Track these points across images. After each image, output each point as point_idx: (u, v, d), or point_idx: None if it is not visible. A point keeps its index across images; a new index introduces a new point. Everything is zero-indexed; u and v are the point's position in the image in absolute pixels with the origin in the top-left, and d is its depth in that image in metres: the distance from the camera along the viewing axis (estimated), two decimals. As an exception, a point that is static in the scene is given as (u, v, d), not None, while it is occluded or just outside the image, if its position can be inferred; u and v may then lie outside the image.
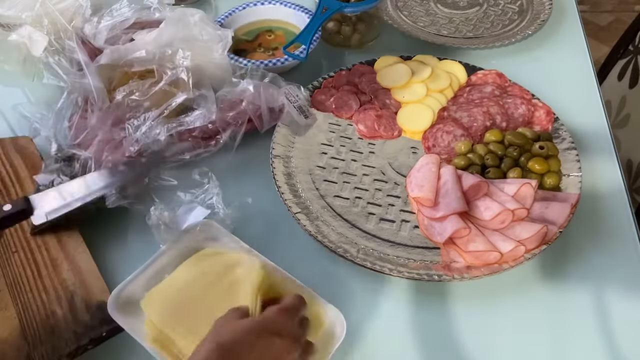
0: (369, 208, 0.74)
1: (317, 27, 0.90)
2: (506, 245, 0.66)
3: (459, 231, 0.67)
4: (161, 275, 0.65)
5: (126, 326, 0.61)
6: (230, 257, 0.66)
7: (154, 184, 0.77)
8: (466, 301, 0.66)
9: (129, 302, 0.63)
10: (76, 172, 0.71)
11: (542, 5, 1.05)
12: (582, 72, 0.94)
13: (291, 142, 0.82)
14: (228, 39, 0.80)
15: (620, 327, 0.63)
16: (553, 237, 0.67)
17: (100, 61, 0.80)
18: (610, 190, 0.76)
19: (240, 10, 1.01)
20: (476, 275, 0.65)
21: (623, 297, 0.66)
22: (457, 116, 0.83)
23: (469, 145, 0.79)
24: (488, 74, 0.89)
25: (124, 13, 0.83)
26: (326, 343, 0.60)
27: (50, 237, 0.70)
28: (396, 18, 1.05)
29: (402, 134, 0.83)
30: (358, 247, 0.69)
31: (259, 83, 0.81)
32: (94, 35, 0.82)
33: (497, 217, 0.69)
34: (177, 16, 0.80)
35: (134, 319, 0.62)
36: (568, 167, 0.76)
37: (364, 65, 0.92)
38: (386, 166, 0.79)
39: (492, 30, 1.02)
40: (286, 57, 0.90)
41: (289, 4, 1.01)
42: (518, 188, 0.71)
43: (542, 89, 0.86)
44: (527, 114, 0.83)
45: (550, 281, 0.68)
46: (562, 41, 1.00)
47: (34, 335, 0.61)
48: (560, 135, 0.80)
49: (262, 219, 0.74)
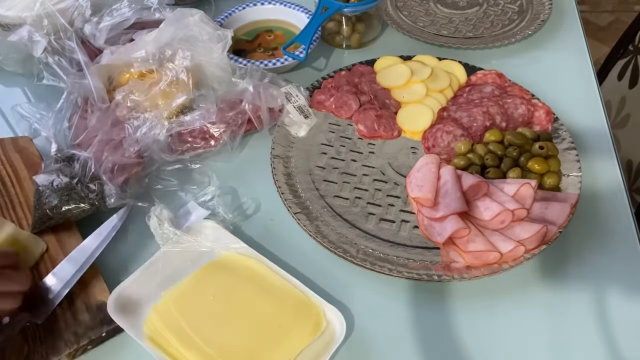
0: (369, 208, 0.74)
1: (317, 27, 0.90)
2: (506, 246, 0.66)
3: (459, 231, 0.67)
4: (166, 277, 0.65)
5: (126, 326, 0.61)
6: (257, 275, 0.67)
7: (155, 184, 0.77)
8: (466, 301, 0.66)
9: (129, 302, 0.63)
10: (76, 172, 0.71)
11: (542, 5, 1.05)
12: (582, 72, 0.94)
13: (291, 142, 0.82)
14: (228, 39, 0.80)
15: (620, 327, 0.63)
16: (553, 237, 0.67)
17: (100, 61, 0.80)
18: (610, 190, 0.76)
19: (240, 10, 1.01)
20: (476, 275, 0.65)
21: (623, 297, 0.66)
22: (457, 116, 0.83)
23: (468, 145, 0.79)
24: (488, 74, 0.89)
25: (124, 13, 0.83)
26: (326, 343, 0.60)
27: (50, 236, 0.70)
28: (396, 18, 1.05)
29: (402, 134, 0.83)
30: (358, 247, 0.69)
31: (259, 83, 0.81)
32: (93, 35, 0.82)
33: (497, 217, 0.69)
34: (177, 16, 0.80)
35: (134, 319, 0.62)
36: (568, 167, 0.76)
37: (364, 65, 0.92)
38: (386, 166, 0.79)
39: (492, 30, 1.02)
40: (286, 57, 0.90)
41: (289, 4, 1.01)
42: (518, 188, 0.71)
43: (542, 89, 0.86)
44: (527, 114, 0.83)
45: (550, 281, 0.68)
46: (562, 41, 1.00)
47: (34, 335, 0.61)
48: (560, 135, 0.80)
49: (262, 219, 0.74)
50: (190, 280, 0.65)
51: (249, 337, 0.61)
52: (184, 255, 0.67)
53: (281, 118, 0.82)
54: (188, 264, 0.67)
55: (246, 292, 0.64)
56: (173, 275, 0.66)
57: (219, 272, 0.66)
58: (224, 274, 0.66)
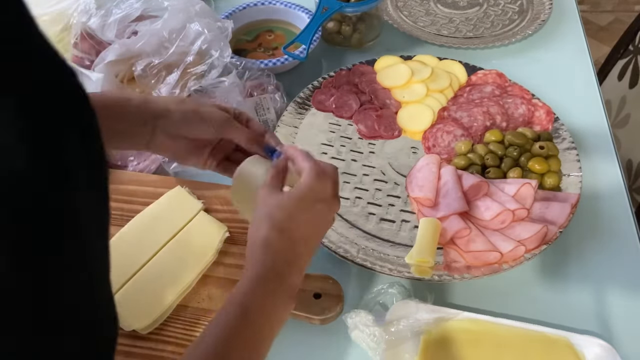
0: (369, 208, 0.74)
1: (317, 27, 0.90)
2: (506, 246, 0.66)
3: (460, 232, 0.67)
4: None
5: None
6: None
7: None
8: (466, 301, 0.66)
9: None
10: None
11: (542, 5, 1.05)
12: (582, 72, 0.94)
13: (291, 143, 0.81)
14: (228, 30, 0.81)
15: (621, 326, 0.63)
16: (553, 237, 0.67)
17: (106, 57, 0.79)
18: (610, 190, 0.76)
19: (240, 10, 1.01)
20: (476, 275, 0.65)
21: (623, 297, 0.66)
22: (457, 116, 0.83)
23: (469, 145, 0.79)
24: (488, 74, 0.89)
25: (133, 4, 0.82)
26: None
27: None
28: (396, 18, 1.05)
29: (402, 134, 0.83)
30: (358, 247, 0.69)
31: (234, 83, 0.80)
32: (102, 28, 0.81)
33: (498, 217, 0.69)
34: (179, 6, 0.80)
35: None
36: (568, 167, 0.75)
37: (364, 65, 0.92)
38: (386, 166, 0.79)
39: (492, 30, 1.02)
40: (286, 57, 0.90)
41: (289, 4, 1.01)
42: (518, 188, 0.71)
43: (542, 89, 0.86)
44: (527, 113, 0.83)
45: (550, 281, 0.68)
46: (562, 41, 1.00)
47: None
48: (561, 135, 0.80)
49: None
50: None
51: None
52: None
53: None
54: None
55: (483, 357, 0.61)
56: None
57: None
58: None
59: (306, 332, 0.62)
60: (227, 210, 0.71)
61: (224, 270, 0.66)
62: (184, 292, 0.63)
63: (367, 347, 0.60)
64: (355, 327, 0.60)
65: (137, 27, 0.82)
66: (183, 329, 0.61)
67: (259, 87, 0.84)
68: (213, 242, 0.67)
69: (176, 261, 0.65)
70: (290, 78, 0.88)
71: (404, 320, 0.60)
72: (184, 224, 0.68)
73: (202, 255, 0.66)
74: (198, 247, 0.66)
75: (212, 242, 0.67)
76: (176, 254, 0.66)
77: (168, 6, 0.82)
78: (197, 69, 0.79)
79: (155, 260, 0.65)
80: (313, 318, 0.61)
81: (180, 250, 0.66)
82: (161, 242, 0.66)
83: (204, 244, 0.66)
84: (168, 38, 0.78)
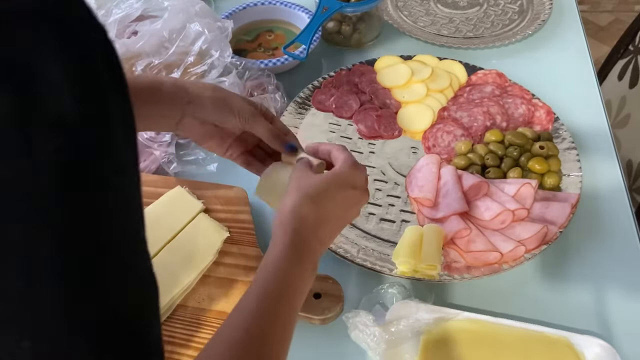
0: (369, 208, 0.74)
1: (317, 27, 0.90)
2: (506, 246, 0.66)
3: (460, 232, 0.67)
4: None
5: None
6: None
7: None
8: (466, 301, 0.66)
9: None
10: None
11: (542, 5, 1.05)
12: (582, 72, 0.94)
13: (291, 142, 0.82)
14: (228, 30, 0.81)
15: (621, 326, 0.63)
16: (553, 237, 0.67)
17: None
18: (610, 190, 0.76)
19: (240, 10, 1.01)
20: (476, 276, 0.65)
21: (623, 297, 0.66)
22: (457, 116, 0.83)
23: (469, 145, 0.79)
24: (488, 74, 0.89)
25: (133, 4, 0.82)
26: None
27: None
28: (396, 18, 1.05)
29: (402, 134, 0.83)
30: (358, 247, 0.69)
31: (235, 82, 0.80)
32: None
33: (498, 218, 0.69)
34: (179, 6, 0.80)
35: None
36: (568, 167, 0.75)
37: (364, 65, 0.92)
38: (386, 166, 0.79)
39: (492, 30, 1.02)
40: (286, 57, 0.90)
41: (289, 4, 1.01)
42: (518, 188, 0.71)
43: (542, 89, 0.86)
44: (527, 113, 0.83)
45: (550, 281, 0.68)
46: (562, 41, 1.00)
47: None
48: (561, 135, 0.80)
49: (262, 219, 0.74)
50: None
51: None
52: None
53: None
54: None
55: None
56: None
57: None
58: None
59: (306, 332, 0.62)
60: (227, 210, 0.71)
61: (224, 270, 0.66)
62: (184, 292, 0.63)
63: (367, 347, 0.60)
64: (355, 327, 0.60)
65: (137, 27, 0.82)
66: (183, 328, 0.61)
67: (259, 87, 0.84)
68: (213, 242, 0.67)
69: (176, 261, 0.65)
70: (290, 78, 0.88)
71: (404, 320, 0.60)
72: (184, 224, 0.68)
73: (202, 255, 0.66)
74: (198, 247, 0.66)
75: (212, 242, 0.67)
76: (176, 254, 0.66)
77: (168, 6, 0.82)
78: (197, 69, 0.79)
79: (155, 260, 0.65)
80: (313, 318, 0.61)
81: (180, 250, 0.66)
82: (161, 242, 0.66)
83: (204, 244, 0.66)
84: (168, 38, 0.78)
